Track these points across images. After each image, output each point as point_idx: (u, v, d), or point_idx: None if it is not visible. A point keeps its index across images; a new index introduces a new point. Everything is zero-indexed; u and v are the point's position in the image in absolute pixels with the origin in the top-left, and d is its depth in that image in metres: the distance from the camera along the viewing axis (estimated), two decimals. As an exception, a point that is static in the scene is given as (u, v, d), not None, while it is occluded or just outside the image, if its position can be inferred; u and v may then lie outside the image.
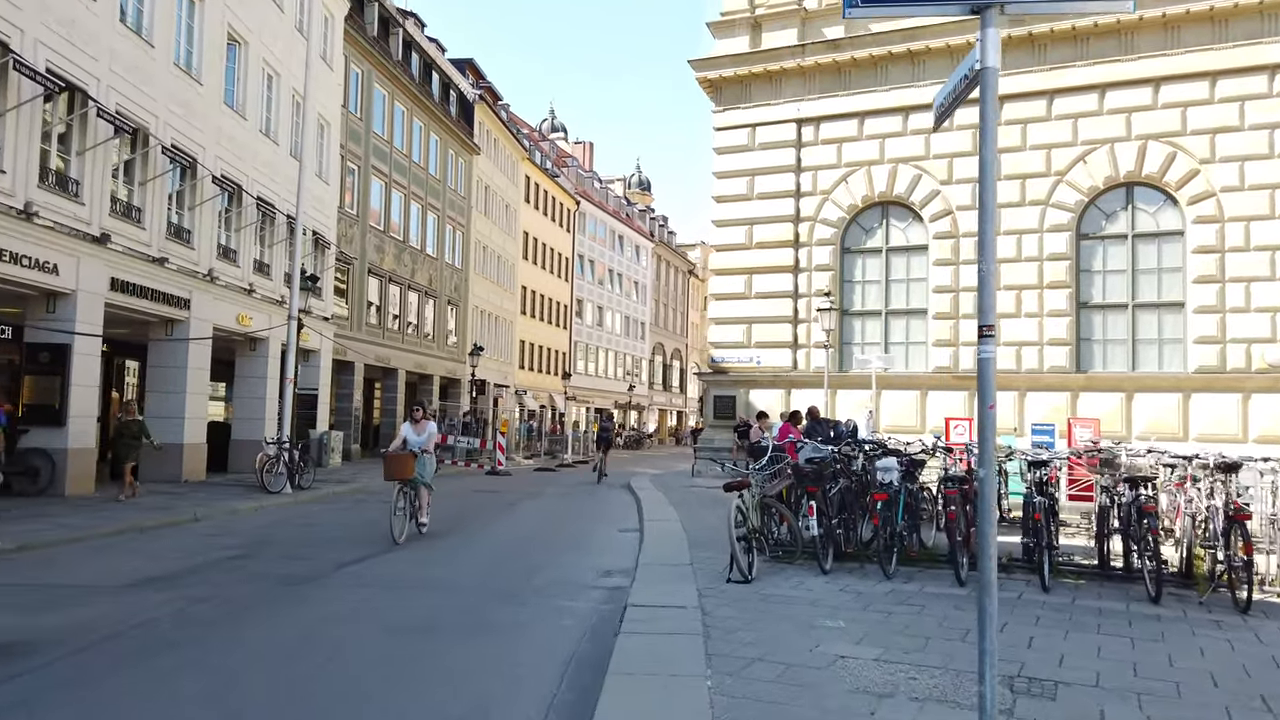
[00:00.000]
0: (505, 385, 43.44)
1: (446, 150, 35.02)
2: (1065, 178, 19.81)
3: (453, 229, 35.87)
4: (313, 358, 23.64)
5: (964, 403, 20.33)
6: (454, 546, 10.02)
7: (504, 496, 17.39)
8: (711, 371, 23.40)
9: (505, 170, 43.15)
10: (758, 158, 22.87)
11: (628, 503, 15.86)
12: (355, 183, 27.71)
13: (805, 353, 22.16)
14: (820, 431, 12.34)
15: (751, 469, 9.38)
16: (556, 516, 13.59)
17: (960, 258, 20.68)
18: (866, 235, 22.00)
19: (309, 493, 16.08)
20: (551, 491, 18.97)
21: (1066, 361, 19.63)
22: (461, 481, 21.78)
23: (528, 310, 46.70)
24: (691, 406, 76.43)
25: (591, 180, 60.72)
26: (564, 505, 15.66)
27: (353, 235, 27.42)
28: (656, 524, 11.26)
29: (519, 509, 14.64)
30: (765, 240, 22.57)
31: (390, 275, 30.12)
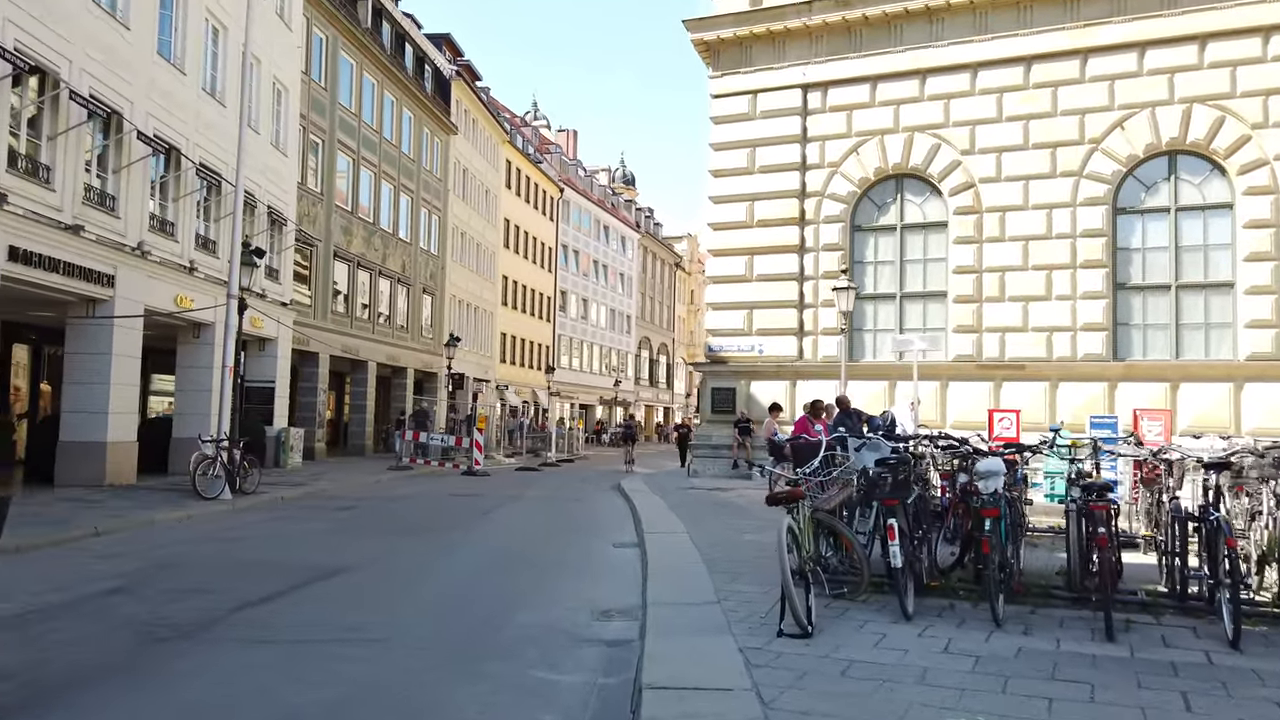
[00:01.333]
0: (486, 379, 41.26)
1: (421, 128, 32.78)
2: (1101, 146, 17.95)
3: (428, 213, 33.65)
4: (269, 347, 21.42)
5: (989, 394, 18.45)
6: (407, 572, 7.94)
7: (480, 501, 15.31)
8: (709, 362, 21.39)
9: (485, 153, 40.94)
10: (759, 127, 20.86)
11: (620, 508, 13.82)
12: (319, 158, 25.45)
13: (812, 340, 20.19)
14: (851, 425, 10.38)
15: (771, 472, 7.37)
16: (538, 526, 11.52)
17: (984, 235, 18.79)
18: (879, 211, 20.06)
19: (252, 498, 13.93)
20: (533, 494, 16.90)
21: (1103, 349, 17.78)
22: (436, 483, 19.68)
23: (509, 301, 44.52)
24: (679, 402, 74.45)
25: (575, 168, 58.58)
26: (547, 512, 13.60)
27: (316, 215, 25.17)
28: (660, 537, 9.23)
29: (495, 517, 12.56)
30: (768, 218, 20.58)
31: (359, 260, 27.89)
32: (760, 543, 8.70)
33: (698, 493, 15.88)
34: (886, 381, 19.21)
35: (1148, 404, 16.89)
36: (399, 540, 9.89)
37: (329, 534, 10.41)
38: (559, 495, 16.83)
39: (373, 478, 19.86)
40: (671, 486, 17.56)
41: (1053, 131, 18.26)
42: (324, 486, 16.98)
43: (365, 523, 11.69)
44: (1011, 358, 18.35)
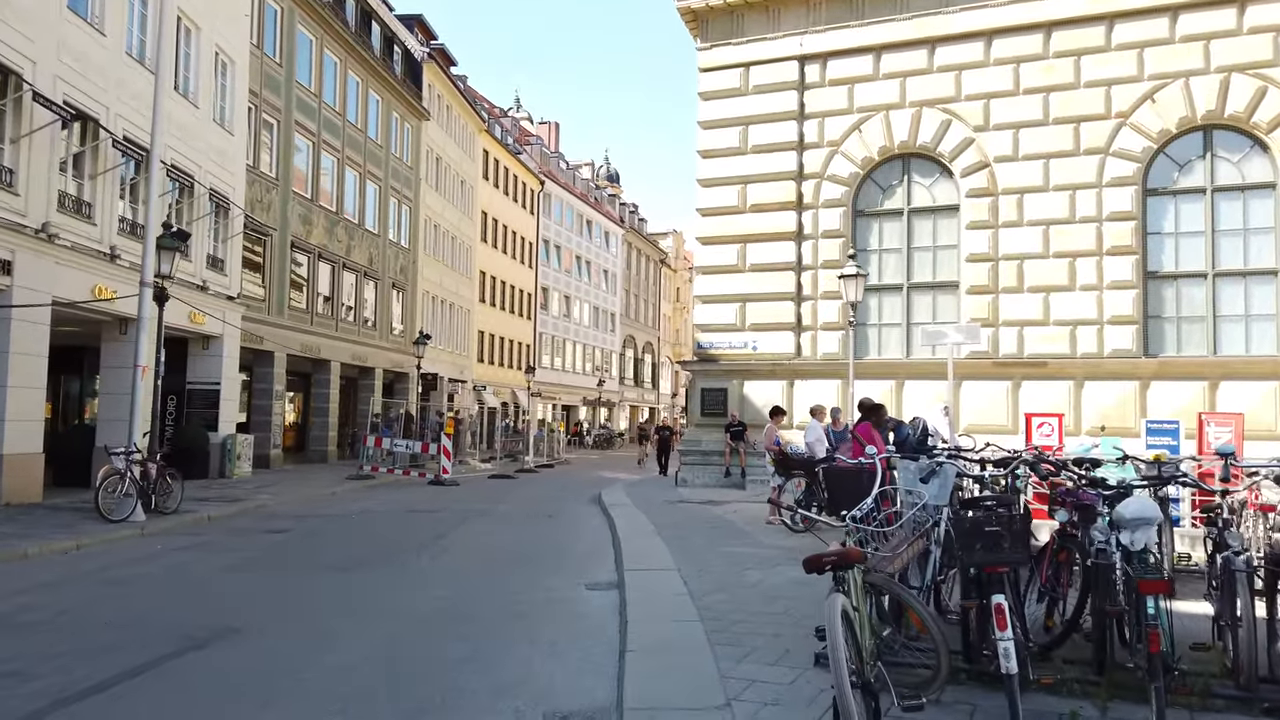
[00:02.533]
0: (462, 380, 39.30)
1: (390, 112, 30.78)
2: (1129, 120, 16.29)
3: (398, 202, 31.65)
4: (213, 345, 19.42)
5: (1006, 395, 16.78)
6: (304, 639, 5.97)
7: (439, 519, 13.42)
8: (698, 360, 19.58)
9: (460, 141, 38.95)
10: (752, 103, 19.07)
11: (598, 528, 11.98)
12: (274, 140, 23.44)
13: (811, 336, 18.43)
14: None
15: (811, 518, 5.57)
16: (498, 555, 9.63)
17: (1000, 220, 17.09)
18: (884, 194, 18.32)
19: (170, 519, 11.99)
20: (503, 509, 15.03)
21: (1132, 344, 16.12)
22: (396, 496, 17.76)
23: (487, 298, 42.55)
24: (665, 403, 72.65)
25: (557, 160, 56.64)
26: (513, 533, 11.72)
27: (270, 201, 23.15)
28: (644, 577, 7.41)
29: (450, 542, 10.67)
30: (762, 202, 18.80)
31: (320, 251, 25.87)
32: (770, 586, 6.93)
33: (687, 507, 14.06)
34: (893, 381, 17.49)
35: (1184, 405, 15.25)
36: (317, 580, 8.00)
37: (238, 571, 8.50)
38: (531, 510, 14.96)
39: (328, 490, 17.92)
40: (657, 498, 15.73)
41: (1076, 105, 16.59)
42: (265, 501, 15.03)
43: (290, 553, 9.79)
44: (1031, 354, 16.67)
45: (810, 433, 11.09)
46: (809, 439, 11.01)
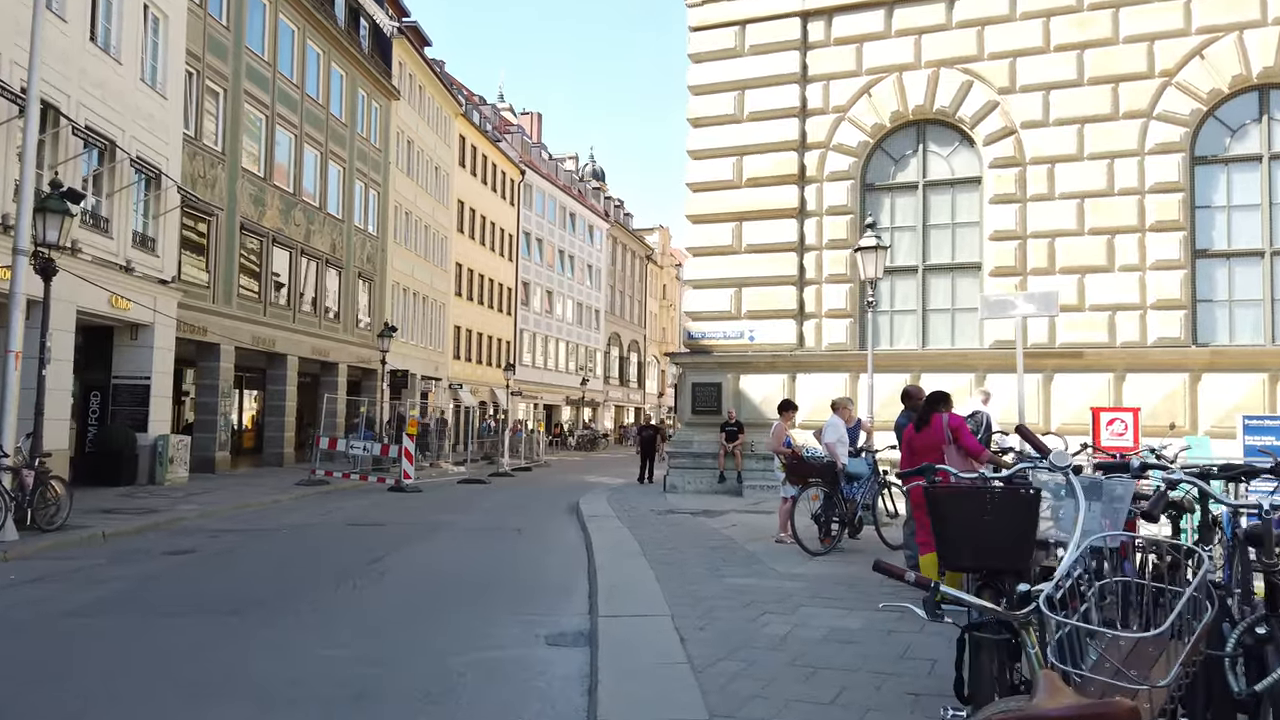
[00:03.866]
0: (436, 378, 37.12)
1: (355, 89, 28.60)
2: (1175, 80, 14.45)
3: (364, 186, 29.47)
4: (142, 335, 17.23)
5: (1038, 388, 14.91)
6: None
7: (383, 535, 11.35)
8: (688, 352, 17.58)
9: (435, 125, 36.79)
10: (749, 65, 17.11)
11: (573, 549, 9.94)
12: (221, 110, 21.24)
13: (815, 325, 16.47)
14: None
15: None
16: (439, 591, 7.49)
17: (1028, 193, 15.21)
18: (897, 166, 16.41)
19: (52, 537, 9.87)
20: (464, 522, 12.95)
21: (1180, 331, 14.28)
22: (344, 505, 15.66)
23: (464, 291, 40.39)
24: (651, 402, 70.64)
25: (539, 151, 54.53)
26: (466, 557, 9.64)
27: (216, 178, 20.95)
28: (625, 626, 5.42)
29: (384, 569, 8.57)
30: (760, 175, 16.84)
31: (275, 235, 23.67)
32: (802, 645, 4.95)
33: (678, 519, 12.05)
34: (907, 374, 15.51)
35: (1240, 400, 13.47)
36: (181, 633, 5.91)
37: (82, 616, 6.41)
38: (496, 523, 12.90)
39: (270, 497, 15.79)
40: (644, 508, 13.71)
41: (1114, 63, 14.73)
42: (186, 513, 12.89)
43: (172, 587, 7.69)
44: (1065, 344, 14.80)
45: (830, 431, 9.13)
46: (829, 438, 9.05)
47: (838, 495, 8.65)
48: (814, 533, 8.77)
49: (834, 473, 8.71)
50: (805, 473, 8.71)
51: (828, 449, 8.93)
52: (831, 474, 8.67)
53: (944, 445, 5.93)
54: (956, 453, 5.89)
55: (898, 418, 7.42)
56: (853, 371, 16.04)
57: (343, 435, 24.29)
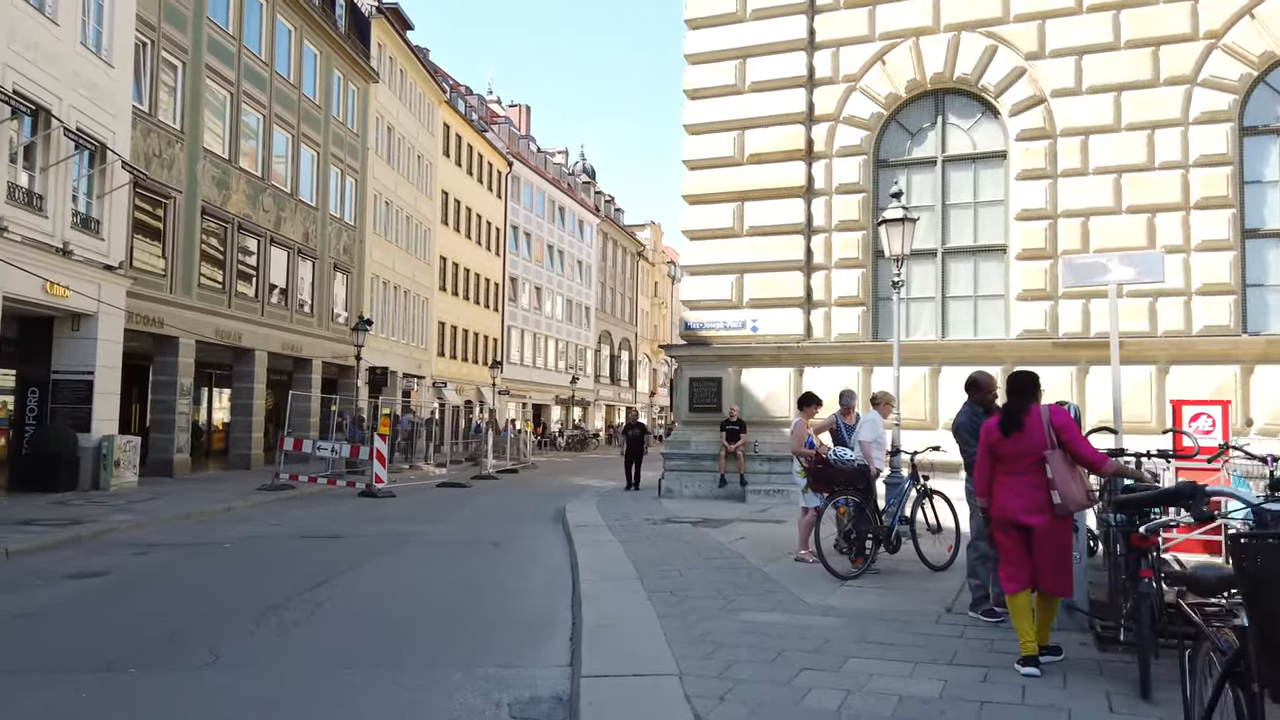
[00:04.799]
0: (419, 375, 35.59)
1: (330, 69, 27.03)
2: (1222, 42, 13.12)
3: (340, 173, 27.91)
4: (85, 325, 15.69)
5: (1071, 381, 13.57)
6: None
7: (337, 550, 9.88)
8: (685, 344, 16.14)
9: (417, 112, 35.25)
10: (751, 31, 15.71)
11: (556, 568, 8.49)
12: (179, 85, 19.67)
13: (823, 314, 15.07)
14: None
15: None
16: (384, 631, 5.89)
17: (1059, 168, 13.86)
18: (913, 140, 15.03)
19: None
20: (435, 533, 11.46)
21: (1229, 318, 12.96)
22: (310, 510, 14.18)
23: (448, 286, 38.83)
24: (643, 401, 69.19)
25: (527, 143, 53.00)
26: (427, 580, 8.14)
27: (173, 158, 19.38)
28: (619, 692, 3.95)
29: (325, 598, 7.06)
30: (763, 151, 15.44)
31: (240, 221, 22.10)
32: (855, 717, 3.48)
33: (677, 530, 10.60)
34: (926, 368, 14.19)
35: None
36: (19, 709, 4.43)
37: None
38: (470, 534, 11.42)
39: (224, 504, 14.28)
40: (637, 516, 12.27)
41: (1154, 24, 13.40)
42: (118, 524, 11.37)
43: (51, 630, 6.13)
44: (1100, 333, 13.42)
45: (866, 429, 7.72)
46: (864, 437, 7.63)
47: (872, 507, 7.22)
48: (828, 544, 7.35)
49: (868, 479, 7.30)
50: (832, 479, 7.28)
51: (862, 451, 7.51)
52: (865, 481, 7.26)
53: (1047, 452, 4.49)
54: (1063, 463, 4.47)
55: (959, 415, 5.99)
56: (866, 364, 14.66)
57: (318, 436, 22.82)
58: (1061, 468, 4.44)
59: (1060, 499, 4.39)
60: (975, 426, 5.67)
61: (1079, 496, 4.44)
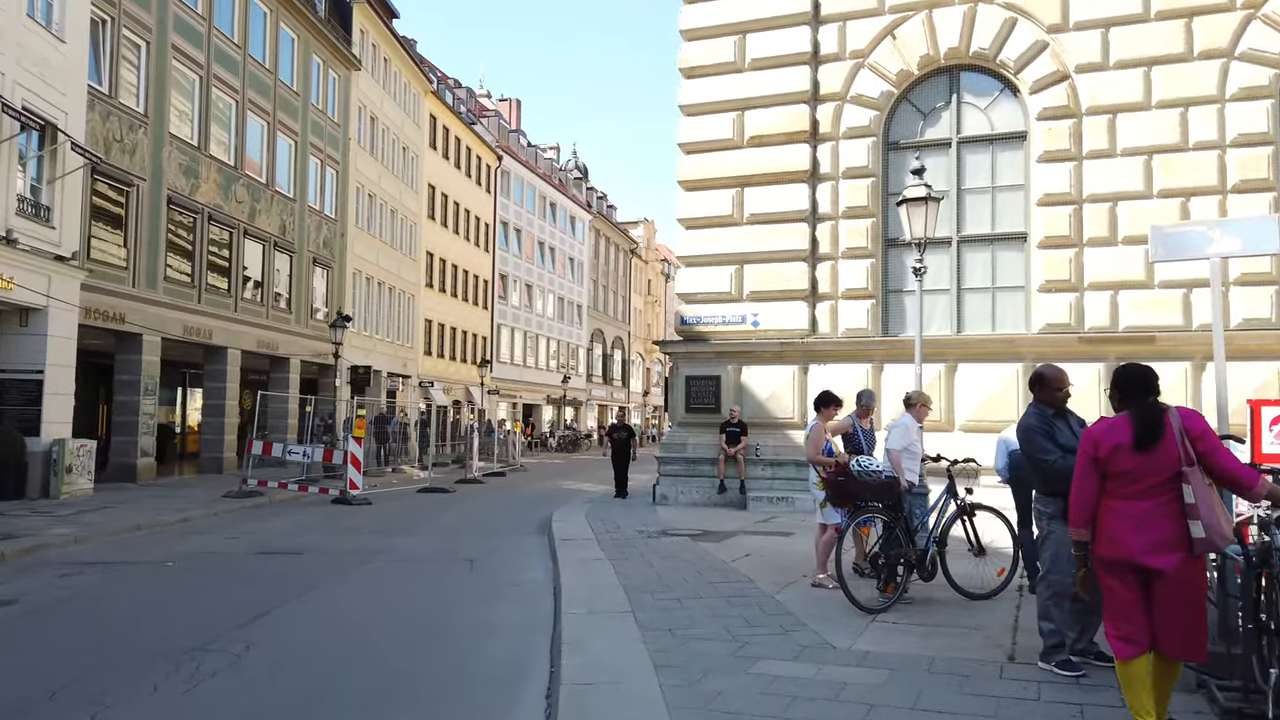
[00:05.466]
0: (405, 375, 34.43)
1: (309, 55, 25.87)
2: (1261, 11, 12.17)
3: (320, 164, 26.74)
4: (34, 321, 14.54)
5: (1098, 379, 12.52)
6: None
7: (290, 571, 8.80)
8: (681, 340, 15.08)
9: (402, 102, 34.08)
10: (751, 4, 14.69)
11: (534, 593, 7.43)
12: (143, 66, 18.50)
13: (830, 307, 14.03)
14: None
15: None
16: (311, 690, 4.80)
17: (1084, 149, 12.87)
18: (926, 121, 14.01)
19: None
20: (406, 547, 10.36)
21: (1271, 311, 12.01)
22: (275, 521, 13.09)
23: (435, 283, 37.67)
24: (636, 401, 68.12)
25: (518, 137, 51.85)
26: (380, 613, 7.00)
27: (136, 143, 18.22)
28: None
29: (255, 638, 5.93)
30: (764, 133, 14.40)
31: (211, 212, 20.93)
32: None
33: (675, 544, 9.54)
34: (941, 365, 13.17)
35: (1347, 393, 11.13)
36: None
37: None
38: (445, 548, 10.33)
39: (180, 515, 13.16)
40: (629, 527, 11.20)
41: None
42: (55, 539, 10.26)
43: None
44: (1130, 327, 12.45)
45: (897, 435, 6.68)
46: (894, 444, 6.60)
47: (903, 526, 6.17)
48: (846, 566, 6.29)
49: (897, 494, 6.25)
50: (856, 494, 6.23)
51: (890, 460, 6.47)
52: (894, 495, 6.22)
53: (1185, 469, 3.42)
54: (1204, 483, 3.40)
55: (1025, 419, 4.88)
56: (876, 361, 13.64)
57: (295, 439, 21.71)
58: (1204, 490, 3.39)
59: (1204, 532, 3.33)
60: (1048, 431, 4.62)
61: (1224, 528, 3.38)
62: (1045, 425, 4.67)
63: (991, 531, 6.79)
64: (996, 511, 6.66)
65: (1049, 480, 4.56)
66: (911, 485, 6.52)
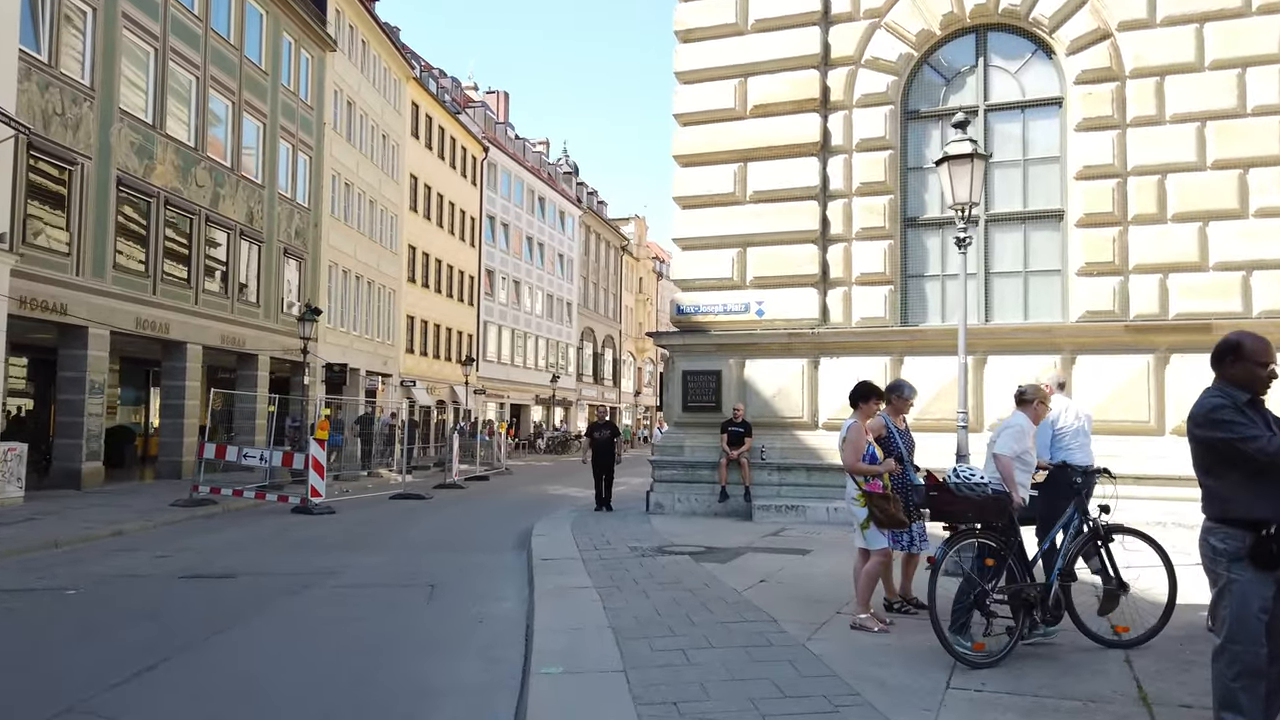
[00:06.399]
0: (385, 373, 32.91)
1: (278, 32, 24.32)
2: (1330, -41, 10.80)
3: (291, 149, 25.19)
4: (-46, 310, 12.96)
5: (1147, 373, 11.24)
6: None
7: (213, 601, 7.39)
8: (678, 331, 13.64)
9: (381, 88, 32.54)
10: (755, -40, 13.23)
11: (502, 635, 6.05)
12: (88, 35, 16.94)
13: (843, 294, 12.63)
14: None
15: None
16: None
17: (1128, 116, 11.51)
18: (949, 87, 12.63)
19: None
20: (353, 573, 8.86)
21: (1344, 295, 10.61)
22: (222, 534, 11.61)
23: (418, 278, 36.15)
24: (627, 401, 66.66)
25: (505, 129, 50.32)
26: (302, 666, 5.52)
27: (80, 118, 16.66)
28: None
29: (131, 699, 4.50)
30: (770, 102, 13.00)
31: (167, 196, 19.37)
32: None
33: (675, 566, 8.11)
34: (970, 358, 11.67)
35: None
36: None
37: None
38: (404, 572, 8.85)
39: (113, 527, 11.67)
40: (621, 543, 9.76)
41: (1245, -61, 11.05)
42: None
43: None
44: (1183, 314, 11.10)
45: (1008, 438, 5.12)
46: (1004, 448, 5.11)
47: (1017, 555, 4.76)
48: (931, 606, 4.84)
49: (1009, 513, 4.84)
50: (956, 514, 4.78)
51: (1000, 470, 5.02)
52: (1006, 515, 4.80)
53: None
54: None
55: (1205, 399, 3.37)
56: (895, 354, 12.26)
57: (265, 440, 20.19)
58: None
59: None
60: (1249, 419, 3.19)
61: None
62: (1239, 411, 3.24)
63: (1130, 557, 5.29)
64: (1141, 534, 5.21)
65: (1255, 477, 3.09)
66: (1023, 502, 5.09)
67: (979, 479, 4.77)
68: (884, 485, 5.43)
